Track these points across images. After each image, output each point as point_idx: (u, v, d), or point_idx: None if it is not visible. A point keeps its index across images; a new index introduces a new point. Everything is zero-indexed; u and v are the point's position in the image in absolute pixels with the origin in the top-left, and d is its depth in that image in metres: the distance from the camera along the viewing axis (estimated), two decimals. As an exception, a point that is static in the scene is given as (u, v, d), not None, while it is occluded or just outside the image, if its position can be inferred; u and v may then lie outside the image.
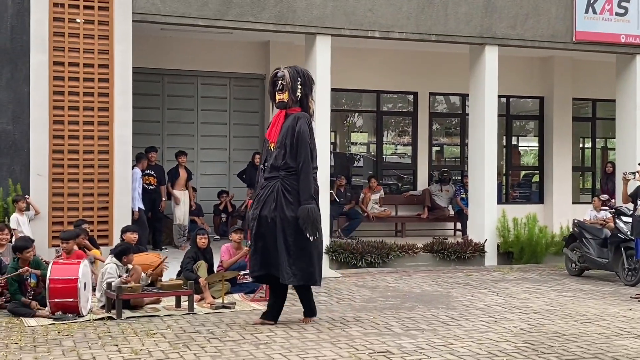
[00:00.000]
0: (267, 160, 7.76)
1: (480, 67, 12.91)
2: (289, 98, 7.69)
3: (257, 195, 7.79)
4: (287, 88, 7.66)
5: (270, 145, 7.76)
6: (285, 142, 7.63)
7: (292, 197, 7.56)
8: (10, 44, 11.11)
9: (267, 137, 7.86)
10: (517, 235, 12.85)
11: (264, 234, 7.58)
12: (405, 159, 16.30)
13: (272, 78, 7.80)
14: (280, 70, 7.79)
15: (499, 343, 6.95)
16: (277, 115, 7.85)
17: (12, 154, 11.04)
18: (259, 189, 7.79)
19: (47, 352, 6.50)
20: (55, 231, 10.42)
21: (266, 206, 7.58)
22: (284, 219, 7.52)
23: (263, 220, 7.57)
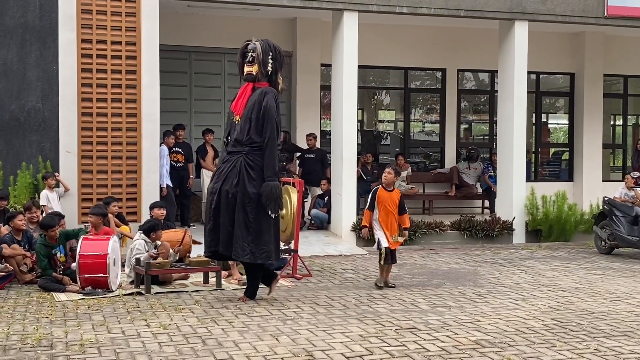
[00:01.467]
0: (230, 133, 7.57)
1: (510, 43, 12.72)
2: (259, 71, 7.52)
3: (218, 169, 7.59)
4: (257, 61, 7.50)
5: (235, 118, 7.55)
6: (251, 116, 7.43)
7: (255, 173, 7.39)
8: (39, 22, 11.20)
9: (232, 109, 7.62)
10: (546, 213, 12.73)
11: (220, 209, 7.39)
12: (433, 136, 16.19)
13: (242, 49, 7.63)
14: (252, 42, 7.62)
15: (526, 320, 6.90)
16: (244, 88, 7.63)
17: (41, 131, 11.18)
18: (221, 162, 7.61)
19: (77, 327, 6.58)
20: (85, 207, 10.54)
21: (227, 181, 7.40)
22: (245, 195, 7.34)
23: (223, 195, 7.39)
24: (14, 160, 11.13)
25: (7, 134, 11.19)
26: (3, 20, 11.19)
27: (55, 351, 5.80)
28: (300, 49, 14.33)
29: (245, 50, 7.59)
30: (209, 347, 5.92)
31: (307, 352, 5.79)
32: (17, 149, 11.21)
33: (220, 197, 7.41)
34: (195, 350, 5.84)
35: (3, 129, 11.18)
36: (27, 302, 7.64)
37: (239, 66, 7.68)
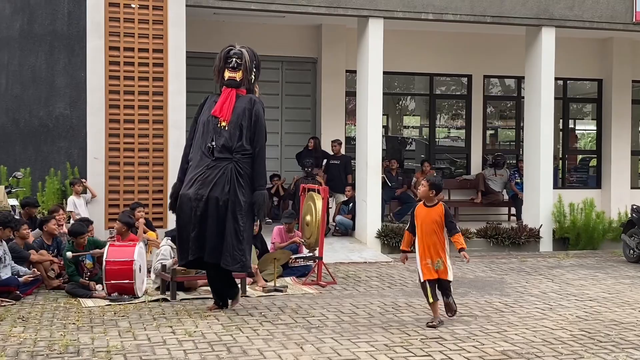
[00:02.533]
0: (213, 139, 7.31)
1: (537, 49, 12.62)
2: (242, 78, 7.42)
3: (201, 175, 7.27)
4: (242, 68, 7.41)
5: (221, 123, 7.34)
6: (241, 123, 7.31)
7: (244, 181, 7.32)
8: (67, 30, 11.34)
9: (217, 114, 7.36)
10: (574, 220, 12.58)
11: (208, 216, 7.20)
12: (458, 142, 16.11)
13: (225, 54, 7.46)
14: (236, 47, 7.51)
15: (554, 331, 6.82)
16: (228, 93, 7.42)
17: (69, 137, 11.30)
18: (204, 168, 7.29)
19: (104, 333, 6.63)
20: (112, 214, 10.63)
21: (217, 187, 7.21)
22: (236, 203, 7.22)
23: (212, 202, 7.19)
24: (42, 166, 11.26)
25: (36, 141, 11.34)
26: (32, 28, 11.35)
27: (82, 358, 5.85)
28: (325, 56, 14.35)
29: (229, 55, 7.45)
30: (234, 355, 5.93)
31: (332, 361, 5.78)
32: (45, 155, 11.34)
33: (209, 204, 7.20)
34: (220, 358, 5.86)
35: (32, 136, 11.32)
36: (55, 308, 7.72)
37: (219, 70, 7.51)
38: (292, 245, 9.78)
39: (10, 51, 11.26)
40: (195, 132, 7.55)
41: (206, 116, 7.47)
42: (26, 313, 7.43)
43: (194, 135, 7.55)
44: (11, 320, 7.09)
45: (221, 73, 7.49)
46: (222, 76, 7.47)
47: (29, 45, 11.30)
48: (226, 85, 7.46)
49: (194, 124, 7.63)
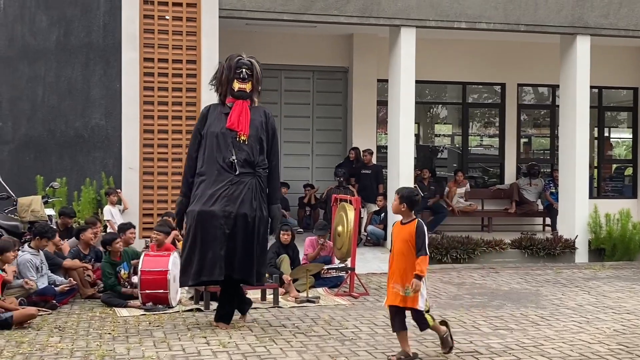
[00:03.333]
0: (233, 153, 7.06)
1: (572, 57, 12.48)
2: (252, 89, 7.25)
3: (225, 190, 7.02)
4: (252, 79, 7.23)
5: (241, 137, 7.11)
6: (261, 137, 7.17)
7: (265, 196, 7.24)
8: (103, 42, 11.49)
9: (235, 127, 7.11)
10: (610, 231, 12.39)
11: (237, 233, 7.01)
12: (491, 150, 15.98)
13: (234, 64, 7.20)
14: (245, 57, 7.28)
15: (591, 345, 6.71)
16: (241, 105, 7.16)
17: (105, 148, 11.44)
18: (227, 183, 7.03)
19: (139, 343, 6.68)
20: (146, 223, 10.73)
21: (245, 204, 7.02)
22: (262, 219, 7.15)
23: (241, 219, 7.01)
24: (78, 176, 11.41)
25: (72, 151, 11.49)
26: (68, 41, 11.51)
27: (117, 368, 5.90)
28: (356, 65, 14.35)
29: (239, 65, 7.19)
30: (269, 367, 5.93)
31: (367, 374, 5.74)
32: (81, 165, 11.49)
33: (237, 221, 7.00)
34: (254, 370, 5.86)
35: (68, 146, 11.48)
36: (90, 317, 7.79)
37: (227, 79, 7.20)
38: (324, 257, 9.76)
39: (47, 63, 11.45)
40: (200, 144, 7.22)
41: (217, 128, 7.15)
42: (62, 322, 7.51)
43: (200, 148, 7.21)
44: (48, 330, 7.18)
45: (230, 84, 7.21)
46: (231, 87, 7.20)
47: (65, 57, 11.47)
48: (236, 96, 7.20)
49: (197, 135, 7.28)
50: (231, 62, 7.26)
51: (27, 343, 6.65)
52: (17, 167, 11.37)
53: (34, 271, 8.21)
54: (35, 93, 11.44)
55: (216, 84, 7.43)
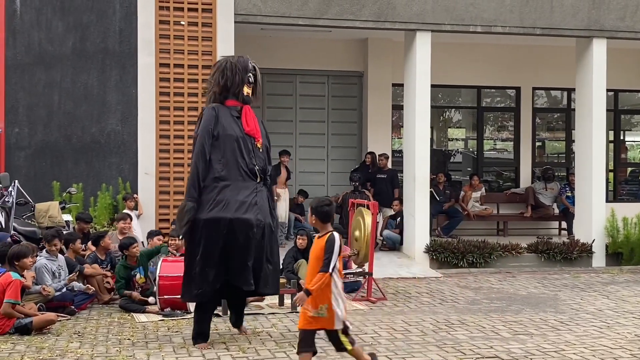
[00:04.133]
0: (254, 159, 6.84)
1: (588, 60, 12.42)
2: (252, 95, 7.00)
3: (254, 198, 6.76)
4: (255, 84, 7.02)
5: (257, 144, 6.92)
6: (266, 145, 7.05)
7: (273, 204, 7.18)
8: (119, 48, 11.52)
9: (253, 134, 6.89)
10: (627, 235, 12.31)
11: (264, 243, 6.83)
12: (505, 154, 15.91)
13: (246, 66, 6.89)
14: (251, 60, 7.00)
15: (613, 350, 6.66)
16: (249, 110, 6.94)
17: (121, 153, 11.46)
18: (253, 192, 6.77)
19: (159, 349, 6.68)
20: (163, 228, 10.72)
21: (267, 213, 6.86)
22: (276, 228, 7.15)
23: (267, 229, 6.84)
24: (94, 181, 11.43)
25: (88, 156, 11.52)
26: (84, 46, 11.55)
27: (138, 374, 5.89)
28: (371, 69, 14.33)
29: (249, 69, 6.92)
30: (289, 373, 5.91)
31: (388, 380, 5.71)
32: (97, 171, 11.51)
33: (265, 230, 6.81)
34: (275, 376, 5.84)
35: (84, 151, 11.51)
36: (109, 323, 7.80)
37: (241, 80, 6.86)
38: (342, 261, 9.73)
39: (63, 69, 11.49)
40: (213, 146, 6.76)
41: (235, 132, 6.81)
42: (81, 328, 7.53)
43: (215, 150, 6.76)
44: (67, 336, 7.19)
45: (239, 84, 6.87)
46: (241, 89, 6.88)
47: (81, 63, 11.51)
48: (244, 101, 6.95)
49: (209, 135, 6.74)
50: (244, 64, 6.94)
51: (47, 349, 6.67)
52: (34, 173, 11.41)
53: (49, 276, 8.22)
54: (51, 99, 11.47)
55: (223, 81, 6.90)
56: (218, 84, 6.96)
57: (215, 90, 7.00)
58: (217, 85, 6.97)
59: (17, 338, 7.07)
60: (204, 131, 6.78)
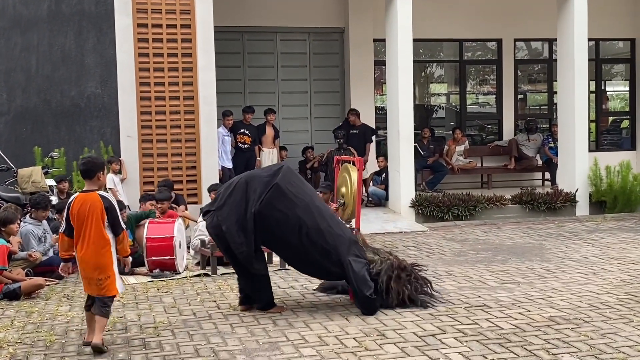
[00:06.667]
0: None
1: (569, 9, 12.36)
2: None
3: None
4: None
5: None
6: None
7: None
8: (95, 9, 11.32)
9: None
10: (610, 183, 12.41)
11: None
12: (487, 108, 15.91)
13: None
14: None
15: (600, 295, 6.75)
16: None
17: (102, 116, 11.35)
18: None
19: (150, 309, 6.69)
20: (147, 191, 10.67)
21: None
22: None
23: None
24: (76, 146, 11.33)
25: (69, 121, 11.41)
26: (60, 9, 11.35)
27: (130, 334, 5.91)
28: (352, 25, 14.19)
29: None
30: (280, 328, 5.95)
31: (379, 331, 5.77)
32: (78, 135, 11.41)
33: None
34: (267, 331, 5.88)
35: (64, 116, 11.39)
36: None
37: None
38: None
39: (39, 32, 11.29)
40: None
41: None
42: (70, 292, 7.51)
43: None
44: (56, 299, 7.18)
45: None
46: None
47: (57, 26, 11.32)
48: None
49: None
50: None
51: (37, 313, 6.66)
52: (15, 139, 11.29)
53: (35, 242, 8.18)
54: (29, 63, 11.30)
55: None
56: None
57: None
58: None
59: (6, 303, 7.05)
60: None
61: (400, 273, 6.47)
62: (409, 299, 6.41)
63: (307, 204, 6.44)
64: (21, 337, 5.90)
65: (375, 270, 6.44)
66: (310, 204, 6.46)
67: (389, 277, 6.41)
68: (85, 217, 5.50)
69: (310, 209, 6.42)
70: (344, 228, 6.71)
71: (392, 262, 6.54)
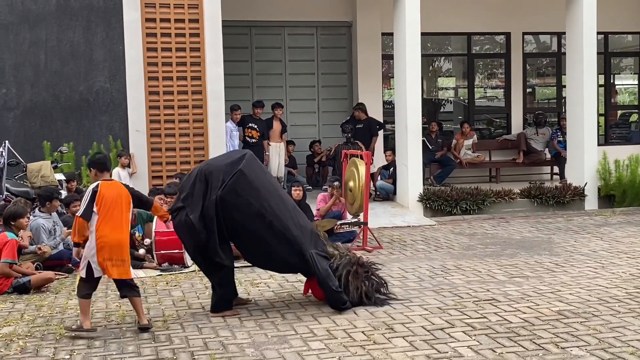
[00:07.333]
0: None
1: (578, 2, 12.29)
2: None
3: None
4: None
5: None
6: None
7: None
8: (104, 3, 11.34)
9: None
10: (619, 177, 12.36)
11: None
12: (495, 102, 15.87)
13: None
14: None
15: (609, 289, 6.74)
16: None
17: (110, 111, 11.37)
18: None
19: (159, 303, 6.72)
20: (155, 185, 10.71)
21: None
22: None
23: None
24: (84, 140, 11.37)
25: (78, 115, 11.44)
26: (68, 3, 11.37)
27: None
28: (360, 19, 14.18)
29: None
30: (288, 321, 5.97)
31: (387, 325, 5.78)
32: (87, 130, 11.45)
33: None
34: (275, 324, 5.90)
35: (73, 110, 11.43)
36: (107, 280, 7.76)
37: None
38: (336, 211, 9.77)
39: (48, 27, 11.32)
40: None
41: None
42: (80, 285, 7.54)
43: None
44: (66, 293, 7.22)
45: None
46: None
47: (66, 21, 11.34)
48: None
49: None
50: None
51: (46, 306, 6.70)
52: (24, 134, 11.33)
53: (46, 235, 8.22)
54: (37, 58, 11.34)
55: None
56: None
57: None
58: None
59: (16, 297, 7.10)
60: None
61: (358, 269, 6.45)
62: (366, 296, 6.35)
63: (270, 192, 6.36)
64: (31, 331, 5.94)
65: (335, 265, 6.43)
66: (273, 193, 6.39)
67: (348, 271, 6.39)
68: (114, 201, 5.83)
69: (274, 198, 6.35)
70: (306, 220, 6.69)
71: (350, 258, 6.52)
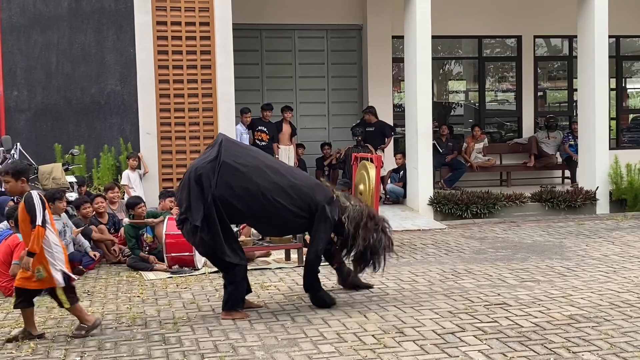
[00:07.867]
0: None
1: (589, 5, 12.26)
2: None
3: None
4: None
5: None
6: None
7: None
8: (115, 6, 11.39)
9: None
10: (631, 181, 12.31)
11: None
12: (506, 105, 15.82)
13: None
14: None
15: (620, 294, 6.69)
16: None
17: (121, 113, 11.41)
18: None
19: (169, 305, 6.72)
20: (166, 187, 10.72)
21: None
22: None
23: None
24: (96, 143, 11.42)
25: (89, 118, 11.50)
26: (80, 6, 11.43)
27: (150, 329, 5.94)
28: (370, 22, 14.17)
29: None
30: (298, 324, 5.96)
31: (397, 328, 5.76)
32: (98, 132, 11.50)
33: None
34: (285, 327, 5.89)
35: (85, 113, 11.48)
36: (118, 282, 7.85)
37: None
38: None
39: (59, 30, 11.38)
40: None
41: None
42: (91, 287, 7.57)
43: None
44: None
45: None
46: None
47: (77, 23, 11.40)
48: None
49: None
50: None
51: (57, 308, 6.69)
52: (35, 136, 11.39)
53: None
54: (49, 61, 11.40)
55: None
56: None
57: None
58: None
59: (28, 299, 7.10)
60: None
61: (369, 222, 6.46)
62: (371, 251, 6.41)
63: (259, 168, 6.26)
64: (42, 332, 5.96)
65: (347, 215, 6.43)
66: (262, 167, 6.29)
67: (357, 223, 6.41)
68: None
69: (266, 172, 6.26)
70: (304, 176, 6.71)
71: (362, 209, 6.53)
